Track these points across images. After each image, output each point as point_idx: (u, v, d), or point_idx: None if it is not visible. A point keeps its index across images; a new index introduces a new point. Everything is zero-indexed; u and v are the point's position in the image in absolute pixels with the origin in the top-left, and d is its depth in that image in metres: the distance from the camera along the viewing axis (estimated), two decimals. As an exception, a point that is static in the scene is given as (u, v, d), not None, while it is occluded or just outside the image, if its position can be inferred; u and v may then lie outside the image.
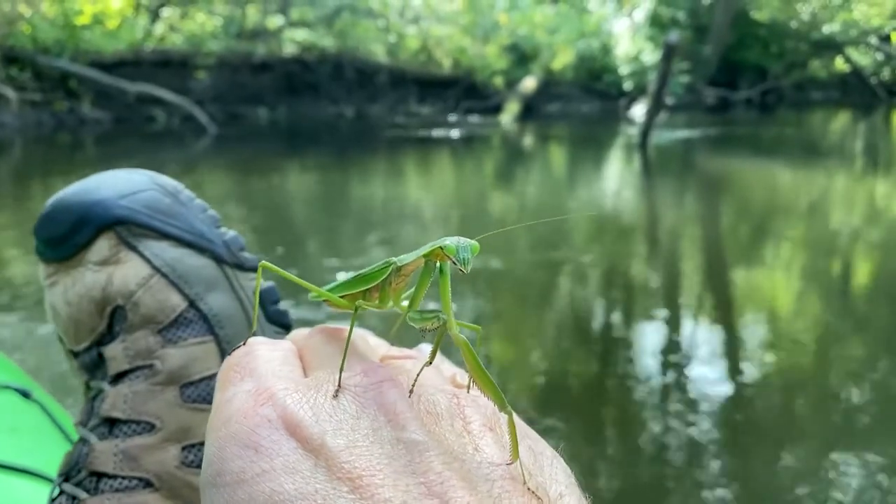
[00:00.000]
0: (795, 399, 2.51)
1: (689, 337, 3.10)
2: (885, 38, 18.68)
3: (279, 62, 13.26)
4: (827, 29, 18.20)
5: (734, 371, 2.71)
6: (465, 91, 14.39)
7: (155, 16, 13.08)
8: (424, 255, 0.42)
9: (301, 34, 13.53)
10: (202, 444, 0.61)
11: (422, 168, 8.64)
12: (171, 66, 12.32)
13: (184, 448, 0.61)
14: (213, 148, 9.69)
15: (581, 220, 5.40)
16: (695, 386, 2.59)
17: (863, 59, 19.20)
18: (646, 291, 3.70)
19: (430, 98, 14.33)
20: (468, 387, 0.41)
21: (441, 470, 0.33)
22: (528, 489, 0.35)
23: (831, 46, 18.44)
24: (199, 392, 0.62)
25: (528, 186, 7.01)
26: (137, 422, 0.61)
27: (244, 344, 0.42)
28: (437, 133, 11.14)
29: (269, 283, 0.71)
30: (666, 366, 2.76)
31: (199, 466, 0.60)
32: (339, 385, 0.37)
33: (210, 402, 0.60)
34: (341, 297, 0.48)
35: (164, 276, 0.64)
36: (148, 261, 0.64)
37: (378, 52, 14.07)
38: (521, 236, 4.81)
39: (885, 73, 19.12)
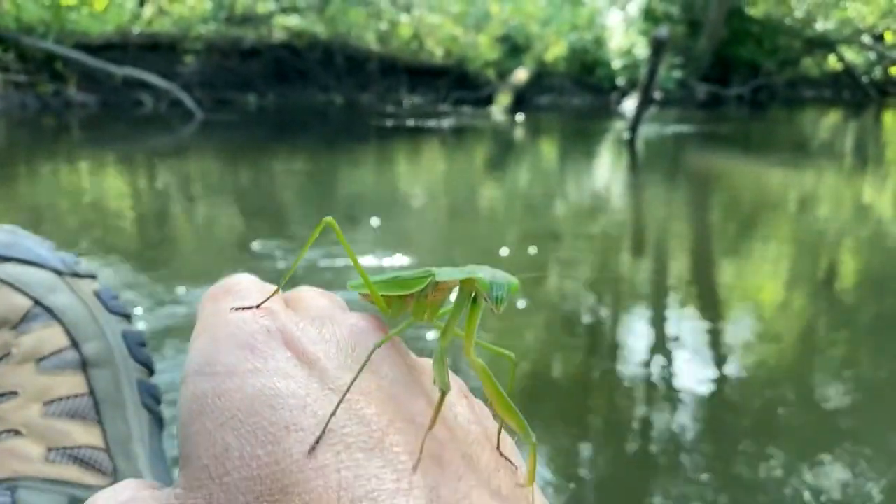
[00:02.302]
0: (779, 392, 2.50)
1: (673, 330, 3.09)
2: (879, 37, 18.70)
3: (268, 48, 13.14)
4: (820, 26, 18.20)
5: (719, 364, 2.70)
6: (456, 81, 14.31)
7: (144, -2, 12.95)
8: (461, 281, 0.41)
9: (291, 20, 13.42)
10: (61, 399, 0.73)
11: (411, 158, 8.60)
12: (158, 50, 12.19)
13: (45, 403, 0.72)
14: (199, 133, 9.62)
15: (564, 216, 5.38)
16: (679, 378, 2.58)
17: (856, 57, 19.21)
18: (627, 286, 3.67)
19: (420, 87, 14.25)
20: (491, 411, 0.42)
21: (424, 409, 0.36)
22: (501, 453, 0.37)
23: (824, 44, 18.44)
24: (52, 363, 0.74)
25: (516, 179, 6.98)
26: (2, 394, 0.73)
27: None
28: (427, 123, 11.10)
29: (136, 329, 0.82)
30: (651, 357, 2.75)
31: (60, 416, 0.72)
32: (340, 323, 0.39)
33: (62, 368, 0.74)
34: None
35: (10, 285, 0.76)
36: None
37: (369, 40, 13.97)
38: (505, 232, 4.78)
39: (877, 73, 19.15)
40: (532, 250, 4.10)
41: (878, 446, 2.14)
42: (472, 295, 0.40)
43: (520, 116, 12.37)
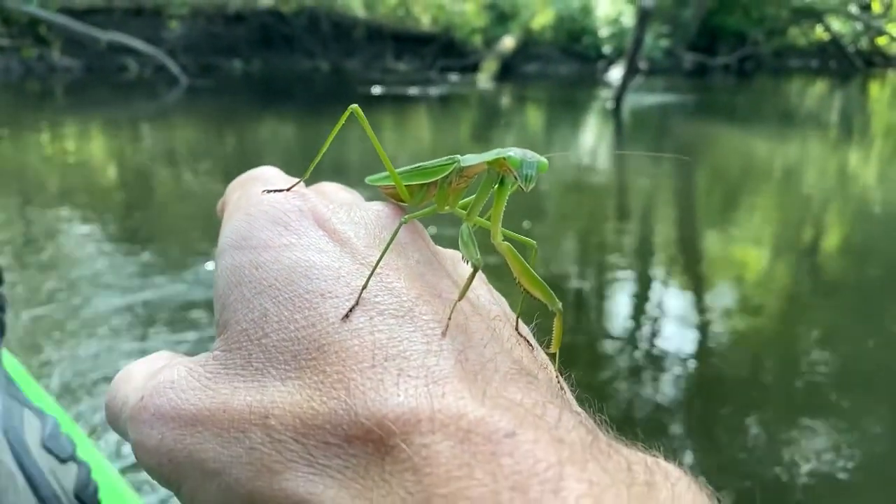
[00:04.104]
0: (762, 358, 2.56)
1: (656, 296, 3.15)
2: (866, 7, 18.65)
3: (254, 13, 13.01)
4: (808, -4, 18.12)
5: (702, 330, 2.76)
6: (442, 48, 14.22)
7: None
8: (488, 163, 0.41)
9: (277, -15, 13.27)
10: None
11: (398, 125, 8.58)
12: (143, 15, 12.06)
13: None
14: (184, 99, 9.56)
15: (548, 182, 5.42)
16: (660, 342, 2.63)
17: (843, 27, 19.17)
18: (608, 252, 3.73)
19: (407, 55, 14.16)
20: (520, 287, 0.42)
21: (450, 287, 0.38)
22: (519, 333, 0.39)
23: (811, 14, 18.39)
24: None
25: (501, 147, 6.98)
26: None
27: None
28: (413, 90, 11.05)
29: None
30: (633, 323, 2.80)
31: None
32: (366, 209, 0.41)
33: None
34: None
35: None
36: None
37: (355, 6, 13.84)
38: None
39: (864, 43, 19.13)
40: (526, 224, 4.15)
41: (858, 412, 2.20)
42: (500, 177, 0.40)
43: (484, 81, 12.31)
